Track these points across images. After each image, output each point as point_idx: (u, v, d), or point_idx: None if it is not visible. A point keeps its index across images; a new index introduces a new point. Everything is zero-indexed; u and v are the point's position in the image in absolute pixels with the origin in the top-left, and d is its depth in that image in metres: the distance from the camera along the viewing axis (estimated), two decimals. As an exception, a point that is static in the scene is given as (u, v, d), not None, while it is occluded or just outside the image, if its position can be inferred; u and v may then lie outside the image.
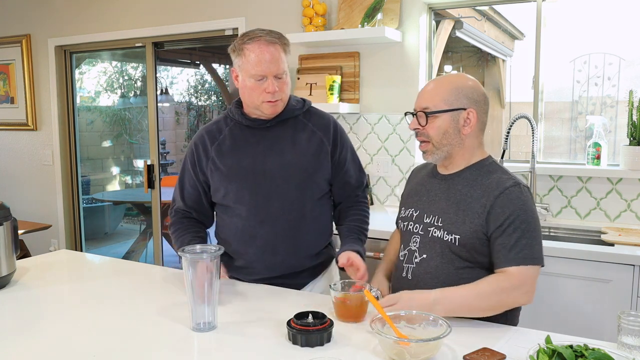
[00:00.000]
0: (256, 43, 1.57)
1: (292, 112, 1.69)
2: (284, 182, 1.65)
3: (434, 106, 1.48)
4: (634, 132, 2.46)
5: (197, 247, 1.38)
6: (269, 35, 1.58)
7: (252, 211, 1.67)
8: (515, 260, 1.37)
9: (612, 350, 1.07)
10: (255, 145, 1.67)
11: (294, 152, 1.67)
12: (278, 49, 1.58)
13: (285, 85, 1.62)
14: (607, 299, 2.01)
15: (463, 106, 1.47)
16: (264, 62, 1.55)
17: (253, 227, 1.68)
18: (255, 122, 1.68)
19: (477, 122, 1.49)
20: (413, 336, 1.20)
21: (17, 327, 1.37)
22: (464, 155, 1.52)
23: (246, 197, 1.66)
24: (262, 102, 1.60)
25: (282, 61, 1.59)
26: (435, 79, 1.55)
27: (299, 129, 1.70)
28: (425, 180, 1.62)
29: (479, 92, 1.50)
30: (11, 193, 4.58)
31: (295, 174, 1.66)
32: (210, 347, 1.27)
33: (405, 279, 1.54)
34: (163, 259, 4.13)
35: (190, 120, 8.29)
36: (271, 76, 1.57)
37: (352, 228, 1.74)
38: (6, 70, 4.48)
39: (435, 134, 1.48)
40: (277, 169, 1.65)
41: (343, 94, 3.10)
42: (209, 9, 3.54)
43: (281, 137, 1.68)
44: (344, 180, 1.77)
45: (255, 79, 1.58)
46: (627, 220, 2.53)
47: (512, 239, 1.38)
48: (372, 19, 2.92)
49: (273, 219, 1.66)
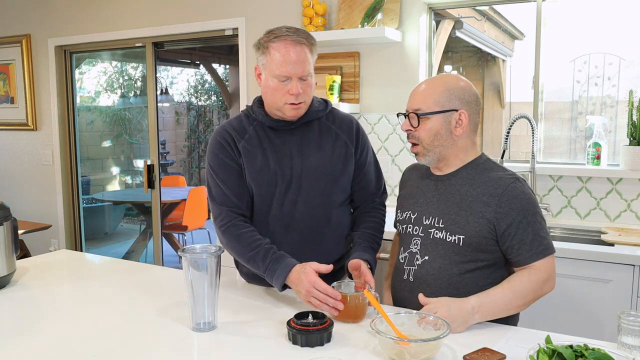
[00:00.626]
0: (282, 42, 1.51)
1: (316, 113, 1.64)
2: (310, 187, 1.61)
3: (427, 107, 1.48)
4: (634, 132, 2.46)
5: (197, 247, 1.38)
6: (295, 35, 1.53)
7: (277, 217, 1.62)
8: (538, 254, 1.40)
9: (612, 350, 1.07)
10: (281, 147, 1.62)
11: (320, 156, 1.62)
12: (305, 49, 1.53)
13: (309, 87, 1.56)
14: (607, 299, 2.01)
15: (455, 107, 1.48)
16: (289, 63, 1.50)
17: (279, 233, 1.63)
18: (279, 123, 1.62)
19: (469, 123, 1.49)
20: (413, 336, 1.20)
21: (17, 327, 1.37)
22: (459, 156, 1.52)
23: (272, 201, 1.62)
24: (285, 104, 1.54)
25: (308, 62, 1.54)
26: (427, 79, 1.55)
27: (323, 131, 1.65)
28: (420, 182, 1.61)
29: (471, 92, 1.50)
30: (11, 193, 4.58)
31: (321, 178, 1.62)
32: (210, 347, 1.27)
33: (406, 282, 1.54)
34: (163, 259, 4.14)
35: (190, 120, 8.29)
36: (295, 78, 1.52)
37: (366, 235, 1.68)
38: (6, 70, 4.48)
39: (427, 136, 1.49)
40: (303, 173, 1.61)
41: (343, 94, 3.11)
42: (209, 9, 3.54)
43: (306, 140, 1.63)
44: (363, 182, 1.73)
45: (279, 80, 1.52)
46: (627, 220, 2.53)
47: (529, 234, 1.40)
48: (372, 19, 2.92)
49: (299, 225, 1.62)
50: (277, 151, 1.62)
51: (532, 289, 1.39)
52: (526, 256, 1.41)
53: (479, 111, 1.53)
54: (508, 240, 1.42)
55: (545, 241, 1.42)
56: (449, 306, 1.32)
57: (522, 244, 1.41)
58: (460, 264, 1.46)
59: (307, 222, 1.62)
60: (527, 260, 1.41)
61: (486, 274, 1.46)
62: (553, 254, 1.43)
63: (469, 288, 1.44)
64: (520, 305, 1.40)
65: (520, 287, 1.38)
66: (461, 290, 1.44)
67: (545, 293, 1.42)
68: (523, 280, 1.39)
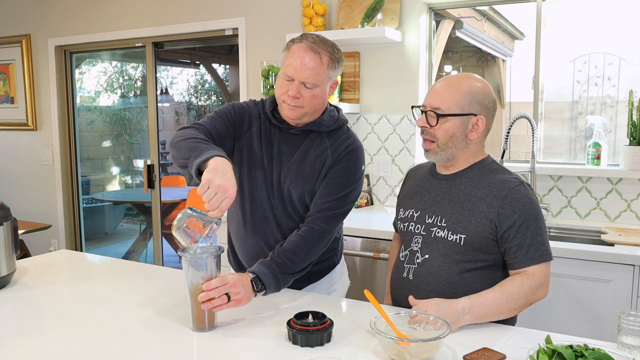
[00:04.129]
0: (301, 44, 1.54)
1: (318, 125, 1.63)
2: (283, 196, 1.64)
3: (447, 108, 1.47)
4: (634, 132, 2.46)
5: (197, 247, 1.38)
6: (316, 43, 1.54)
7: (247, 218, 1.69)
8: (533, 260, 1.40)
9: (612, 350, 1.07)
10: (276, 146, 1.66)
11: (299, 167, 1.63)
12: (317, 59, 1.52)
13: (313, 97, 1.55)
14: (607, 299, 2.01)
15: (474, 112, 1.48)
16: (296, 66, 1.52)
17: (245, 234, 1.70)
18: (283, 124, 1.65)
19: (484, 129, 1.50)
20: (413, 336, 1.20)
21: (17, 327, 1.37)
22: (467, 158, 1.53)
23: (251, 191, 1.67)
24: (283, 101, 1.58)
25: (317, 72, 1.52)
26: (448, 78, 1.53)
27: (314, 145, 1.64)
28: (425, 180, 1.62)
29: (490, 98, 1.51)
30: (11, 193, 4.59)
31: (295, 190, 1.63)
32: (210, 347, 1.27)
33: (406, 280, 1.54)
34: (163, 259, 4.14)
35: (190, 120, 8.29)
36: (298, 81, 1.53)
37: (278, 250, 1.55)
38: (6, 70, 4.48)
39: (443, 136, 1.48)
40: (280, 178, 1.64)
41: (343, 94, 3.11)
42: (209, 9, 3.54)
43: (295, 148, 1.64)
44: (317, 194, 1.62)
45: (285, 77, 1.56)
46: (627, 220, 2.53)
47: (527, 238, 1.40)
48: (372, 19, 2.92)
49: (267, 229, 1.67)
50: (270, 150, 1.66)
51: (524, 294, 1.38)
52: (521, 260, 1.40)
53: (494, 116, 1.53)
54: (507, 242, 1.42)
55: (543, 247, 1.41)
56: (439, 306, 1.32)
57: (520, 248, 1.40)
58: (460, 263, 1.46)
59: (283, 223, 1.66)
60: (522, 264, 1.40)
61: (485, 274, 1.46)
62: (549, 262, 1.42)
63: (467, 288, 1.44)
64: (512, 309, 1.38)
65: (511, 291, 1.37)
66: (460, 290, 1.45)
67: (537, 299, 1.41)
68: (515, 285, 1.38)
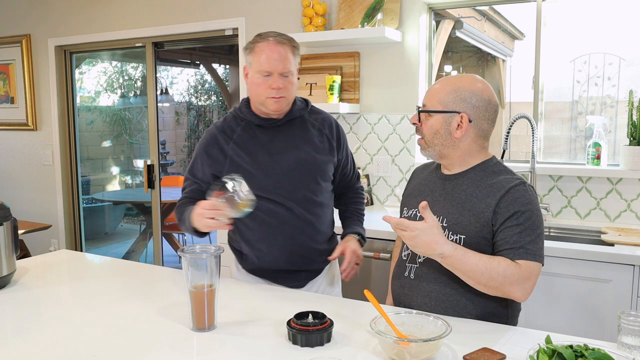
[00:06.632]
0: (266, 42, 1.67)
1: (299, 111, 1.78)
2: (301, 178, 1.72)
3: (431, 105, 1.51)
4: (634, 132, 2.46)
5: (197, 247, 1.38)
6: (279, 37, 1.69)
7: (273, 208, 1.71)
8: (522, 255, 1.37)
9: (612, 350, 1.07)
10: (270, 143, 1.74)
11: (308, 148, 1.75)
12: (287, 49, 1.68)
13: (290, 85, 1.70)
14: (607, 299, 2.01)
15: (457, 109, 1.47)
16: (272, 60, 1.65)
17: (274, 226, 1.73)
18: (267, 121, 1.75)
19: (471, 128, 1.48)
20: (413, 336, 1.20)
21: (17, 327, 1.37)
22: (462, 157, 1.52)
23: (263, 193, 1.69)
24: (267, 97, 1.67)
25: (289, 61, 1.68)
26: (445, 78, 1.55)
27: (308, 127, 1.79)
28: (428, 180, 1.62)
29: (481, 97, 1.48)
30: (11, 193, 4.59)
31: (312, 169, 1.74)
32: (210, 347, 1.27)
33: (407, 279, 1.54)
34: (163, 259, 4.14)
35: (190, 120, 8.29)
36: (277, 73, 1.66)
37: (352, 211, 1.93)
38: (6, 70, 4.48)
39: (428, 133, 1.52)
40: (293, 165, 1.72)
41: (343, 94, 3.11)
42: (209, 9, 3.54)
43: (293, 135, 1.76)
44: (344, 172, 1.90)
45: (262, 75, 1.66)
46: (627, 220, 2.53)
47: (518, 233, 1.38)
48: (372, 19, 2.92)
49: (293, 216, 1.72)
50: (267, 146, 1.73)
51: (502, 278, 1.34)
52: (508, 253, 1.38)
53: (489, 117, 1.50)
54: (497, 236, 1.41)
55: (533, 247, 1.38)
56: (427, 232, 1.33)
57: (506, 242, 1.39)
58: (460, 263, 1.45)
59: (300, 209, 1.73)
60: (507, 257, 1.38)
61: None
62: (539, 263, 1.39)
63: (468, 288, 1.43)
64: (481, 284, 1.36)
65: (494, 268, 1.34)
66: (460, 290, 1.45)
67: (511, 294, 1.37)
68: (501, 265, 1.35)
